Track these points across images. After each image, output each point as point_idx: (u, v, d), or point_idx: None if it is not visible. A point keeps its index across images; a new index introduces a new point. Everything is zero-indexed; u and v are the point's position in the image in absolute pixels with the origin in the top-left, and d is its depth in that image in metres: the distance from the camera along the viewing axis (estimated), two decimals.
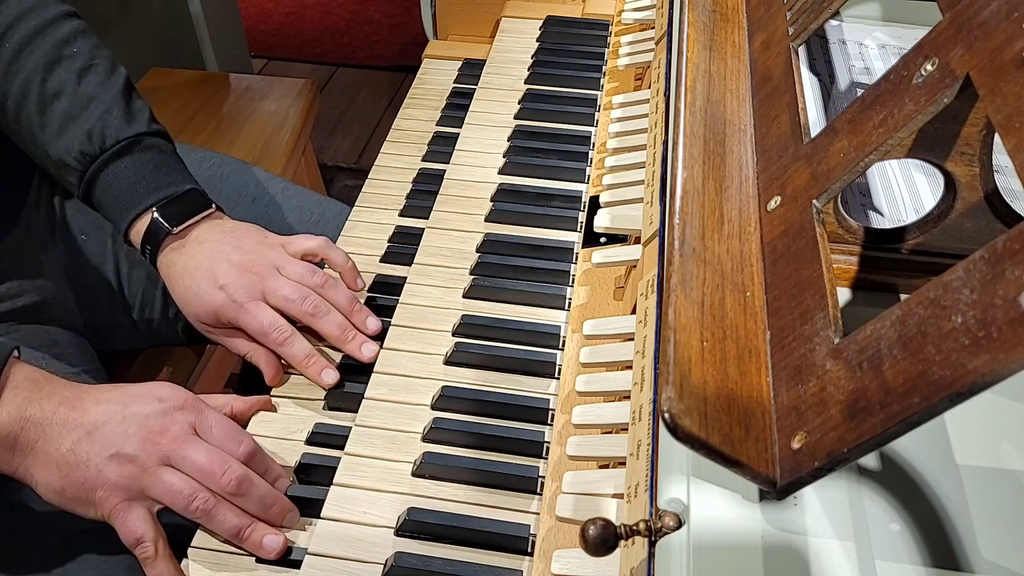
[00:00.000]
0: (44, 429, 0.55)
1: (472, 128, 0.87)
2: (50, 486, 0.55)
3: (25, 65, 0.70)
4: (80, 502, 0.56)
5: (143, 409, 0.57)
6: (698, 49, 0.58)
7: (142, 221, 0.68)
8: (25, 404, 0.56)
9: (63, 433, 0.55)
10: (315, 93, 1.46)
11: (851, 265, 0.50)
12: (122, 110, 0.70)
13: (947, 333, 0.30)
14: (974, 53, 0.38)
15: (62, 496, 0.56)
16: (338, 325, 0.66)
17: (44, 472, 0.55)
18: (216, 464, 0.55)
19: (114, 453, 0.55)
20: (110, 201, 0.69)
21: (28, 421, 0.55)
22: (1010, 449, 0.41)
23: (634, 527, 0.37)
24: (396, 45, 2.47)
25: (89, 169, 0.69)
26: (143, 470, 0.55)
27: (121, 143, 0.69)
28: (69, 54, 0.71)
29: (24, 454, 0.55)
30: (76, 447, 0.55)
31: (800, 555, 0.36)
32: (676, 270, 0.42)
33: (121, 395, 0.58)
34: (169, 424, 0.57)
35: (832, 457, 0.33)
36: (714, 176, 0.49)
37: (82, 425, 0.56)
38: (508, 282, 0.70)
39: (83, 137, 0.68)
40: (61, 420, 0.56)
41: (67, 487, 0.55)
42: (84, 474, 0.55)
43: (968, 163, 0.45)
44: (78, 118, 0.69)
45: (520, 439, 0.59)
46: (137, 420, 0.56)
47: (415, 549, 0.54)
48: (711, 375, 0.38)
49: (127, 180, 0.69)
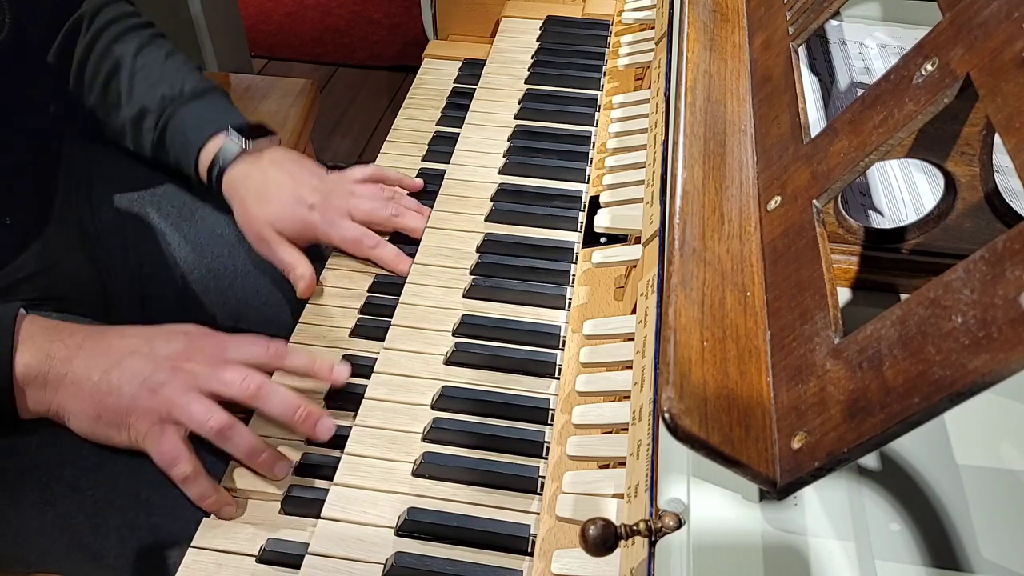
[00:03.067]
0: (71, 363, 0.58)
1: (472, 128, 0.87)
2: (84, 414, 0.58)
3: (120, 48, 0.82)
4: (114, 427, 0.58)
5: (170, 341, 0.60)
6: (698, 49, 0.58)
7: (215, 142, 0.77)
8: (46, 344, 0.58)
9: (92, 365, 0.58)
10: (315, 93, 1.46)
11: (851, 265, 0.50)
12: (199, 75, 0.82)
13: (947, 333, 0.30)
14: (974, 53, 0.38)
15: (97, 422, 0.58)
16: (417, 218, 0.77)
17: (77, 402, 0.58)
18: (238, 375, 0.59)
19: (144, 381, 0.58)
20: (185, 131, 0.78)
21: (53, 358, 0.58)
22: (1010, 449, 0.41)
23: (634, 527, 0.37)
24: (396, 45, 2.47)
25: (167, 109, 0.79)
26: (172, 396, 0.57)
27: (197, 89, 0.80)
28: (158, 44, 0.84)
29: (55, 389, 0.58)
30: (107, 376, 0.58)
31: (800, 555, 0.36)
32: (676, 270, 0.42)
33: (145, 331, 0.62)
34: (195, 351, 0.60)
35: (832, 457, 0.33)
36: (714, 176, 0.49)
37: (109, 356, 0.58)
38: (508, 282, 0.70)
39: (166, 87, 0.79)
40: (87, 353, 0.58)
41: (101, 413, 0.58)
42: (117, 401, 0.57)
43: (968, 163, 0.45)
44: (164, 79, 0.80)
45: (520, 439, 0.59)
46: (165, 351, 0.59)
47: (415, 549, 0.54)
48: (711, 375, 0.38)
49: (201, 112, 0.79)
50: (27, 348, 0.58)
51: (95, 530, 0.63)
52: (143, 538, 0.63)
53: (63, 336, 0.59)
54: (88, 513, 0.63)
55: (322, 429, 0.60)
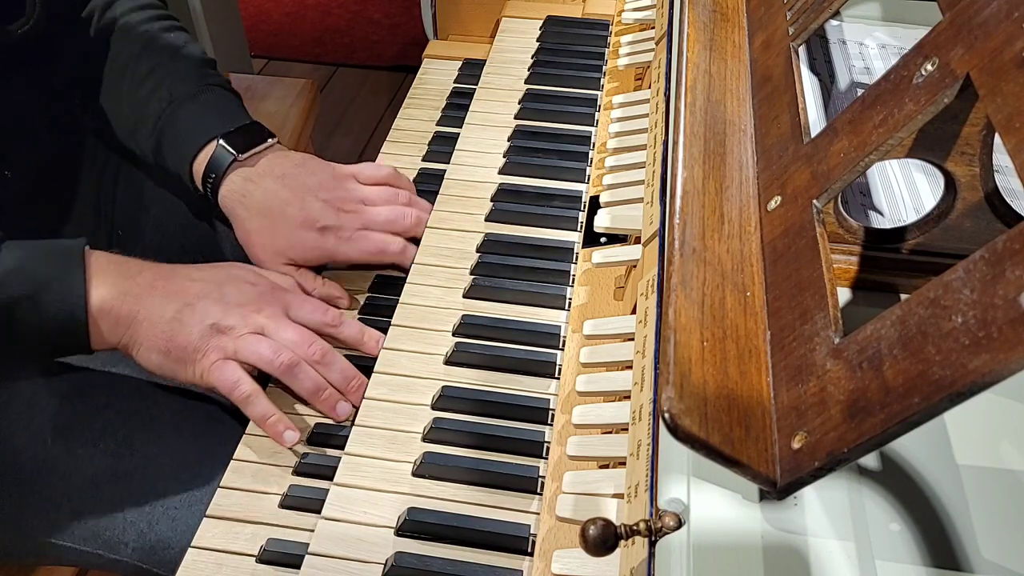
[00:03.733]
0: (142, 301, 0.61)
1: (472, 128, 0.87)
2: (154, 349, 0.61)
3: (128, 40, 0.80)
4: (181, 362, 0.62)
5: (240, 289, 0.63)
6: (698, 49, 0.58)
7: (206, 151, 0.73)
8: (119, 281, 0.61)
9: (165, 303, 0.61)
10: (315, 93, 1.46)
11: (851, 265, 0.50)
12: (200, 71, 0.78)
13: (947, 333, 0.30)
14: (974, 53, 0.38)
15: (165, 357, 0.61)
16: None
17: (148, 338, 0.61)
18: (304, 337, 0.62)
19: (215, 323, 0.61)
20: (176, 138, 0.75)
21: (127, 295, 0.61)
22: (1010, 449, 0.41)
23: (634, 527, 0.37)
24: (396, 45, 2.47)
25: (161, 117, 0.75)
26: (240, 338, 0.61)
27: (192, 88, 0.76)
28: (166, 39, 0.80)
29: (127, 325, 0.61)
30: (180, 315, 0.61)
31: (800, 555, 0.36)
32: (676, 270, 0.42)
33: (212, 274, 0.64)
34: (264, 305, 0.63)
35: (832, 457, 0.33)
36: (714, 176, 0.49)
37: (182, 297, 0.62)
38: (508, 282, 0.70)
39: (165, 89, 0.76)
40: (160, 293, 0.62)
41: (172, 349, 0.61)
42: (187, 338, 0.61)
43: (968, 163, 0.45)
44: (164, 80, 0.77)
45: (520, 439, 0.59)
46: (235, 298, 0.63)
47: (415, 549, 0.54)
48: (711, 375, 0.38)
49: (193, 117, 0.75)
50: (101, 282, 0.60)
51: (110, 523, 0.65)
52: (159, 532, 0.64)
53: (132, 274, 0.62)
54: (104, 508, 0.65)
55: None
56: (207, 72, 0.79)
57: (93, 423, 0.68)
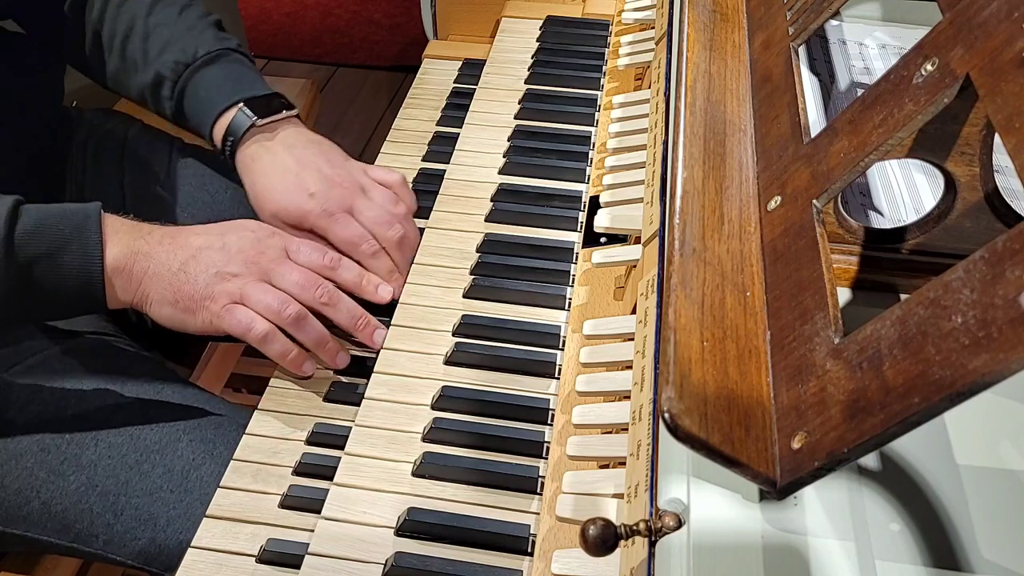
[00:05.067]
0: (152, 257, 0.63)
1: (472, 128, 0.87)
2: (164, 301, 0.63)
3: (133, 6, 0.81)
4: (190, 312, 0.63)
5: (241, 236, 0.65)
6: (698, 49, 0.58)
7: (227, 116, 0.75)
8: (131, 240, 0.63)
9: (171, 257, 0.63)
10: (315, 93, 1.46)
11: (851, 265, 0.50)
12: (214, 33, 0.80)
13: (947, 333, 0.30)
14: (974, 53, 0.38)
15: (175, 308, 0.63)
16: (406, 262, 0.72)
17: (158, 289, 0.63)
18: (309, 280, 0.64)
19: (218, 271, 0.63)
20: (199, 102, 0.77)
21: (138, 253, 0.63)
22: (1010, 449, 0.41)
23: (634, 527, 0.37)
24: (396, 45, 2.47)
25: (182, 76, 0.77)
26: (244, 283, 0.63)
27: (211, 53, 0.78)
28: (170, 1, 0.82)
29: (139, 281, 0.63)
30: (185, 266, 0.63)
31: (800, 555, 0.36)
32: (676, 270, 0.42)
33: (217, 228, 0.66)
34: (265, 248, 0.65)
35: (832, 457, 0.33)
36: (714, 176, 0.49)
37: (186, 249, 0.64)
38: (508, 282, 0.70)
39: (179, 51, 0.78)
40: (167, 248, 0.64)
41: (179, 299, 0.63)
42: (193, 287, 0.63)
43: (968, 163, 0.45)
44: (177, 41, 0.79)
45: (520, 439, 0.59)
46: (236, 245, 0.64)
47: (415, 549, 0.54)
48: (711, 375, 0.38)
49: (215, 81, 0.77)
50: (115, 243, 0.62)
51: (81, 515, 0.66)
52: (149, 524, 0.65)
53: (143, 234, 0.64)
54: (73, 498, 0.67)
55: (377, 338, 0.66)
56: (220, 34, 0.81)
57: (63, 415, 0.70)
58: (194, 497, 0.65)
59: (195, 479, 0.66)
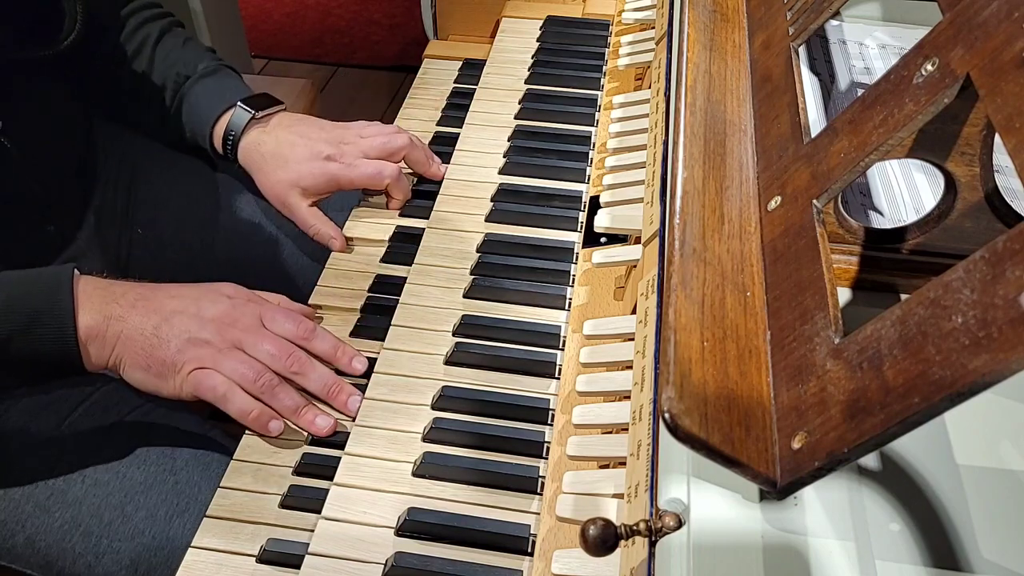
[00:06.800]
0: (125, 320, 0.63)
1: (472, 128, 0.87)
2: (137, 366, 0.63)
3: (144, 32, 0.87)
4: (161, 377, 0.63)
5: (215, 303, 0.65)
6: (698, 49, 0.58)
7: (226, 116, 0.81)
8: (103, 305, 0.63)
9: (144, 321, 0.63)
10: (315, 93, 1.46)
11: (851, 265, 0.50)
12: (211, 56, 0.87)
13: (947, 333, 0.30)
14: (974, 53, 0.38)
15: (147, 373, 0.63)
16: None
17: (131, 352, 0.63)
18: (281, 349, 0.63)
19: (191, 337, 0.63)
20: (198, 109, 0.83)
21: (111, 318, 0.63)
22: (1010, 449, 0.41)
23: (634, 527, 0.37)
24: (396, 45, 2.47)
25: (181, 88, 0.83)
26: (217, 351, 0.62)
27: (209, 67, 0.84)
28: (176, 32, 0.89)
29: (111, 346, 0.63)
30: (157, 331, 0.63)
31: (800, 555, 0.36)
32: (676, 270, 0.42)
33: (191, 291, 0.66)
34: (239, 316, 0.64)
35: (832, 457, 0.33)
36: (714, 176, 0.49)
37: (160, 313, 0.63)
38: (508, 282, 0.70)
39: (181, 67, 0.84)
40: (140, 311, 0.63)
41: (152, 364, 0.63)
42: (165, 352, 0.62)
43: (968, 163, 0.45)
44: (178, 62, 0.85)
45: (520, 439, 0.59)
46: (211, 312, 0.64)
47: (415, 549, 0.54)
48: (711, 375, 0.38)
49: (213, 89, 0.83)
50: (87, 309, 0.62)
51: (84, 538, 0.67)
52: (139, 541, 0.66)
53: (117, 296, 0.64)
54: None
55: (352, 404, 0.63)
56: (215, 57, 0.88)
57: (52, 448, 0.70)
58: (176, 545, 0.65)
59: (178, 526, 0.67)
